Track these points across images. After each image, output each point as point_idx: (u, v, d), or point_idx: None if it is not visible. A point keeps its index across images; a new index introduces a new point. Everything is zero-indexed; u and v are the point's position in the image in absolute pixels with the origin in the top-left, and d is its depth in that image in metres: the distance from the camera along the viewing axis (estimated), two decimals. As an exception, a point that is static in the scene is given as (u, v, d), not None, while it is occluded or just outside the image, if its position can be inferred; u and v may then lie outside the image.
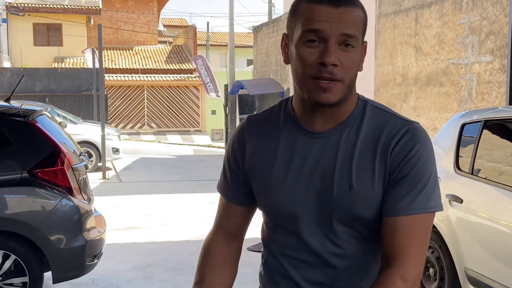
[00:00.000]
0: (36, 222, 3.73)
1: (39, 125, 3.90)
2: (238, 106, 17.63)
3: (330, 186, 1.20)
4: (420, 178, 1.16)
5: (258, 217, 1.41)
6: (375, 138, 1.19)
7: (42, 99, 16.62)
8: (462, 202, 3.63)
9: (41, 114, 4.08)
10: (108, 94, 21.99)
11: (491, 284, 3.32)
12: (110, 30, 28.31)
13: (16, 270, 3.77)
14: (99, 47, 11.34)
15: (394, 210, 1.16)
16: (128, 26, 29.12)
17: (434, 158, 1.21)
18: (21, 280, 3.77)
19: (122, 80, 25.38)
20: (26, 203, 3.82)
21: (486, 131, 3.71)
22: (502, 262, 3.27)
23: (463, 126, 3.91)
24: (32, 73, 18.55)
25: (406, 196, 1.16)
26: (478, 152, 3.68)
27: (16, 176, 3.74)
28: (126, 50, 28.39)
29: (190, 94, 26.42)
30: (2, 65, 21.15)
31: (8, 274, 3.76)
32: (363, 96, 1.27)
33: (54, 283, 3.87)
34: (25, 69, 19.37)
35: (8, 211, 3.77)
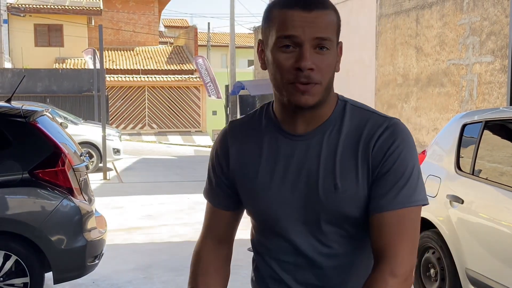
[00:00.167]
0: (37, 223, 3.73)
1: (40, 125, 3.91)
2: (239, 107, 17.63)
3: (315, 187, 1.21)
4: (402, 173, 1.17)
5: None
6: (357, 136, 1.20)
7: (43, 100, 16.63)
8: (463, 202, 3.63)
9: (42, 115, 4.09)
10: (109, 95, 22.00)
11: (492, 284, 3.31)
12: (111, 31, 28.33)
13: (17, 271, 3.77)
14: (100, 48, 11.35)
15: (379, 207, 1.16)
16: (129, 27, 29.14)
17: (416, 152, 1.21)
18: (22, 280, 3.78)
19: (123, 80, 25.39)
20: (27, 204, 3.82)
21: (487, 132, 3.71)
22: (503, 263, 3.27)
23: (464, 126, 3.91)
24: (33, 73, 18.57)
25: (389, 191, 1.16)
26: (479, 152, 3.68)
27: (17, 176, 3.75)
28: (127, 50, 28.40)
29: (191, 95, 26.44)
30: (3, 65, 21.17)
31: (9, 275, 3.77)
32: (343, 96, 1.28)
33: (55, 284, 3.87)
34: (26, 69, 19.39)
35: (9, 212, 3.77)
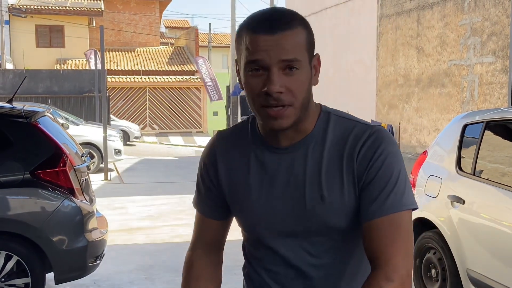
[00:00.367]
0: (38, 223, 3.74)
1: (41, 126, 3.91)
2: (239, 108, 17.63)
3: (302, 199, 1.20)
4: (388, 179, 1.16)
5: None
6: (341, 146, 1.20)
7: (44, 101, 16.65)
8: (464, 203, 3.63)
9: (43, 115, 4.09)
10: (110, 96, 22.02)
11: (493, 285, 3.31)
12: (112, 32, 28.35)
13: (18, 271, 3.78)
14: (101, 49, 11.36)
15: (368, 214, 1.16)
16: (130, 28, 29.15)
17: (401, 157, 1.21)
18: (23, 281, 3.78)
19: (124, 81, 25.41)
20: (28, 204, 3.83)
21: (488, 132, 3.71)
22: (504, 263, 3.27)
23: (465, 127, 3.91)
24: (34, 74, 18.58)
25: (377, 198, 1.16)
26: (480, 153, 3.68)
27: (18, 177, 3.75)
28: (128, 51, 28.42)
29: (191, 96, 26.45)
30: (4, 66, 21.20)
31: (10, 275, 3.77)
32: (326, 106, 1.27)
33: (56, 284, 3.87)
34: (27, 70, 19.40)
35: (10, 212, 3.78)
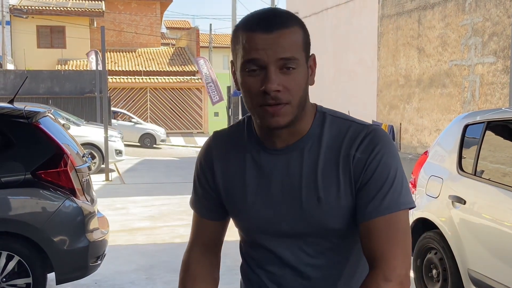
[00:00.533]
0: (39, 223, 3.74)
1: (43, 126, 3.91)
2: (240, 108, 17.63)
3: (299, 200, 1.20)
4: (385, 178, 1.15)
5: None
6: (337, 147, 1.20)
7: (45, 101, 16.66)
8: (465, 203, 3.63)
9: (44, 116, 4.10)
10: (111, 96, 22.03)
11: (494, 285, 3.31)
12: (113, 32, 28.37)
13: (19, 271, 3.78)
14: (102, 49, 11.37)
15: (366, 214, 1.15)
16: (131, 28, 29.17)
17: (398, 157, 1.20)
18: (24, 281, 3.78)
19: (125, 82, 25.43)
20: (29, 204, 3.83)
21: (489, 132, 3.71)
22: (505, 263, 3.27)
23: (466, 127, 3.91)
24: (35, 75, 18.60)
25: (374, 198, 1.15)
26: (481, 153, 3.68)
27: (19, 177, 3.75)
28: (129, 52, 28.44)
29: (192, 96, 26.46)
30: (5, 67, 21.22)
31: (11, 275, 3.77)
32: (321, 106, 1.27)
33: (57, 284, 3.88)
34: (28, 71, 19.42)
35: (11, 212, 3.78)
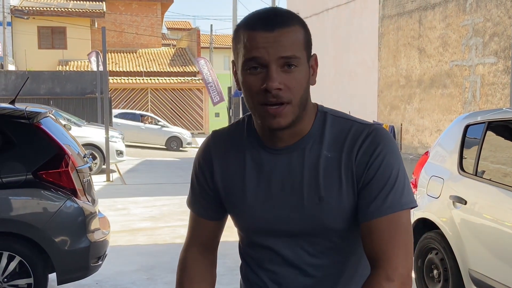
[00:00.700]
0: (40, 224, 3.74)
1: (44, 127, 3.92)
2: (241, 109, 17.63)
3: (300, 199, 1.20)
4: (387, 178, 1.16)
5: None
6: (339, 146, 1.19)
7: (46, 102, 16.68)
8: (466, 203, 3.63)
9: (45, 116, 4.10)
10: (112, 97, 22.04)
11: (495, 285, 3.31)
12: (114, 33, 28.39)
13: (20, 272, 3.78)
14: (103, 50, 11.38)
15: (368, 214, 1.16)
16: (132, 29, 29.19)
17: (400, 156, 1.20)
18: (25, 281, 3.78)
19: (126, 82, 25.44)
20: (30, 205, 3.84)
21: (490, 133, 3.71)
22: (507, 263, 3.27)
23: (467, 127, 3.91)
24: (36, 76, 18.61)
25: (376, 198, 1.15)
26: (482, 153, 3.68)
27: (20, 178, 3.76)
28: (130, 53, 28.46)
29: (193, 97, 26.47)
30: (7, 68, 21.25)
31: (13, 276, 3.78)
32: (322, 106, 1.27)
33: (58, 285, 3.88)
34: (29, 72, 19.44)
35: (13, 213, 3.78)
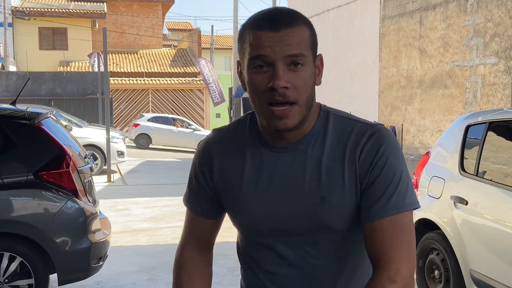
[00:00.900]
0: (41, 224, 3.75)
1: (45, 127, 3.92)
2: (242, 109, 17.63)
3: (301, 198, 1.19)
4: (390, 179, 1.16)
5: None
6: (342, 147, 1.19)
7: (47, 103, 16.70)
8: (467, 204, 3.62)
9: (46, 117, 4.11)
10: (113, 98, 22.05)
11: (496, 286, 3.30)
12: (115, 34, 28.41)
13: (21, 272, 3.78)
14: (104, 51, 11.39)
15: (371, 215, 1.15)
16: (133, 30, 29.21)
17: (403, 157, 1.20)
18: (26, 282, 3.79)
19: (127, 83, 25.46)
20: (31, 205, 3.84)
21: (491, 133, 3.71)
22: (508, 264, 3.27)
23: (468, 128, 3.91)
24: (37, 76, 18.64)
25: (380, 198, 1.15)
26: (483, 153, 3.67)
27: (21, 178, 3.76)
28: (131, 53, 28.48)
29: (194, 97, 26.48)
30: (8, 69, 21.26)
31: (14, 276, 3.78)
32: (325, 105, 1.27)
33: (59, 285, 3.88)
34: (30, 72, 19.46)
35: (14, 213, 3.79)
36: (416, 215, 4.08)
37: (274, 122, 1.15)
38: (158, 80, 26.00)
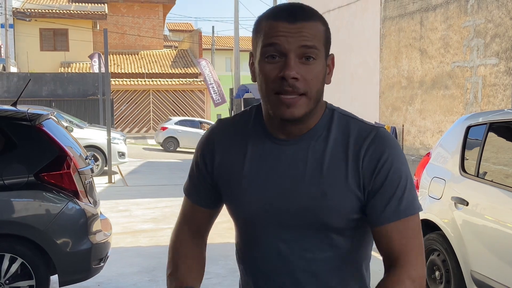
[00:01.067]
0: (42, 226, 3.75)
1: (46, 129, 3.93)
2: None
3: (301, 192, 1.20)
4: (398, 183, 1.18)
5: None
6: (345, 145, 1.20)
7: (48, 104, 16.71)
8: (467, 204, 3.62)
9: (47, 118, 4.11)
10: (114, 99, 22.07)
11: (497, 287, 3.30)
12: (116, 35, 28.44)
13: (22, 273, 3.78)
14: (105, 52, 11.40)
15: (384, 218, 1.17)
16: (133, 31, 29.23)
17: (406, 159, 1.22)
18: (27, 283, 3.79)
19: (128, 84, 25.48)
20: (32, 207, 3.84)
21: (491, 134, 3.71)
22: (509, 265, 3.26)
23: (469, 128, 3.91)
24: (38, 78, 18.66)
25: (390, 202, 1.17)
26: (484, 154, 3.68)
27: (22, 179, 3.77)
28: (132, 54, 28.50)
29: (195, 98, 26.49)
30: (9, 70, 21.29)
31: (15, 277, 3.78)
32: (331, 104, 1.28)
33: (60, 287, 3.88)
34: (31, 74, 19.48)
35: (14, 215, 3.79)
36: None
37: (281, 110, 1.16)
38: (159, 81, 26.02)
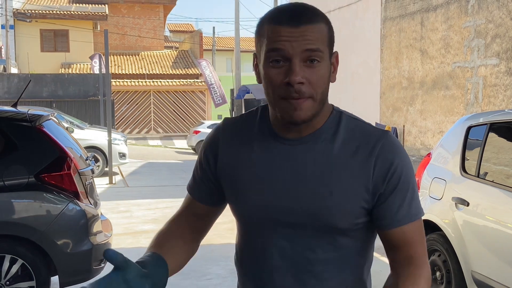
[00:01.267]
0: (43, 227, 3.75)
1: (46, 130, 3.93)
2: (244, 111, 17.65)
3: (306, 192, 1.20)
4: (407, 187, 1.22)
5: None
6: (353, 148, 1.21)
7: (49, 105, 16.71)
8: (468, 205, 3.62)
9: (48, 119, 4.11)
10: (114, 99, 22.08)
11: (498, 287, 3.30)
12: (117, 36, 28.45)
13: (23, 275, 3.79)
14: (106, 53, 11.40)
15: (396, 221, 1.21)
16: (134, 32, 29.25)
17: (411, 163, 1.25)
18: (28, 284, 3.79)
19: (129, 85, 25.49)
20: (33, 208, 3.84)
21: (492, 134, 3.71)
22: (509, 265, 3.26)
23: (469, 129, 3.91)
24: (39, 78, 18.67)
25: (402, 206, 1.21)
26: (484, 155, 3.67)
27: (23, 180, 3.77)
28: (133, 55, 28.51)
29: (196, 99, 26.50)
30: (9, 71, 21.30)
31: (15, 278, 3.78)
32: (338, 107, 1.29)
33: None
34: (32, 74, 19.50)
35: (15, 216, 3.79)
36: (417, 217, 4.08)
37: (289, 113, 1.16)
38: (160, 81, 26.03)
